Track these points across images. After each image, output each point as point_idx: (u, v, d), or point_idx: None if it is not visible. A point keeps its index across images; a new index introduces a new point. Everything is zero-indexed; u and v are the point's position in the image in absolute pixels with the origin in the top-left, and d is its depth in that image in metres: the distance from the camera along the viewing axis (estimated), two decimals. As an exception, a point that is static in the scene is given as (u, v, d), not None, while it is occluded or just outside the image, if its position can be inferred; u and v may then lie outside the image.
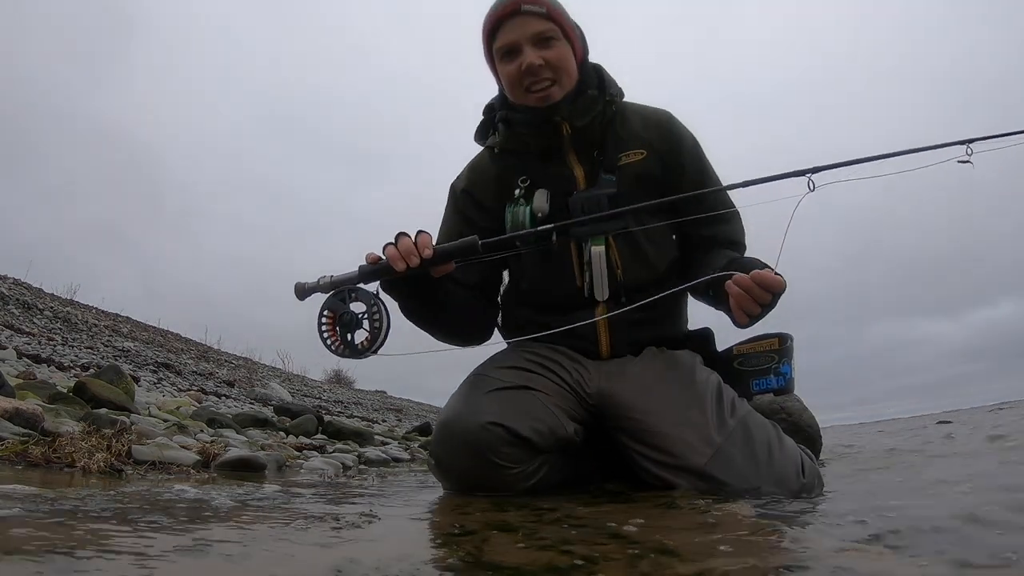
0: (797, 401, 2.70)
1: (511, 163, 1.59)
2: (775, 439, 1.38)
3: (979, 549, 0.75)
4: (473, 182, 1.66)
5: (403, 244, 1.36)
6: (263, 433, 3.17)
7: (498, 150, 1.61)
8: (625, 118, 1.59)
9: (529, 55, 1.47)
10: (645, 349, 1.56)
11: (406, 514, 1.12)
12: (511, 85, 1.52)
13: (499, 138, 1.60)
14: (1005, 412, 8.58)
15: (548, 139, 1.54)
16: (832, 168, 1.36)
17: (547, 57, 1.47)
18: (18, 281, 10.33)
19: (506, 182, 1.59)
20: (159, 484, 1.44)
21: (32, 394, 2.46)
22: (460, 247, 1.40)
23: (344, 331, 1.39)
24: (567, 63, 1.50)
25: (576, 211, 1.50)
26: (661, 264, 1.57)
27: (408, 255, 1.34)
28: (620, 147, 1.56)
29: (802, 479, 1.37)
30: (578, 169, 1.55)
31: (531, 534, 0.88)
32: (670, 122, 1.62)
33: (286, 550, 0.76)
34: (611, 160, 1.55)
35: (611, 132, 1.56)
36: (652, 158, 1.57)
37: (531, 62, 1.46)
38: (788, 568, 0.67)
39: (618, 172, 1.54)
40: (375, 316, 1.37)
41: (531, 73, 1.47)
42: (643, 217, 1.52)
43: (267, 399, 6.59)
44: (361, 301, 1.39)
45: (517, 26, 1.47)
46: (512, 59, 1.50)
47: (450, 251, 1.39)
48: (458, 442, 1.37)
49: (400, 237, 1.37)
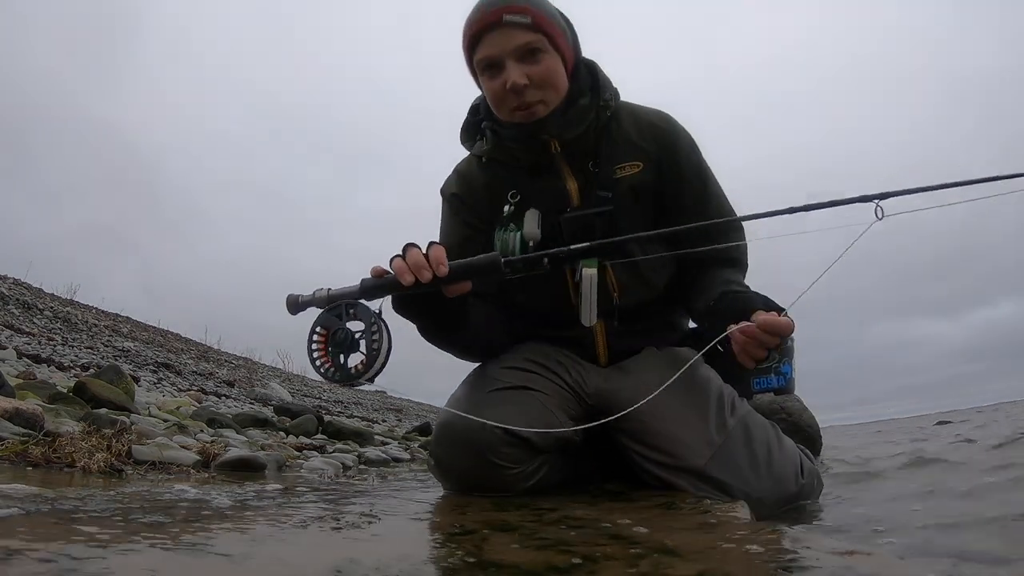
0: (797, 401, 2.71)
1: (500, 174, 1.52)
2: (775, 440, 1.38)
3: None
4: (463, 188, 1.58)
5: (412, 256, 1.22)
6: (263, 433, 3.17)
7: (486, 159, 1.54)
8: (620, 123, 1.50)
9: (512, 73, 1.35)
10: (644, 349, 1.55)
11: (406, 514, 1.12)
12: (494, 102, 1.42)
13: (487, 146, 1.51)
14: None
15: (537, 155, 1.47)
16: (903, 194, 1.18)
17: (532, 73, 1.36)
18: (18, 281, 10.33)
19: (496, 191, 1.52)
20: (159, 484, 1.44)
21: (32, 394, 2.46)
22: (480, 265, 1.25)
23: (337, 351, 1.22)
24: (554, 77, 1.39)
25: (568, 233, 1.42)
26: (660, 282, 1.54)
27: (418, 269, 1.21)
28: (616, 157, 1.47)
29: (801, 480, 1.37)
30: (571, 182, 1.47)
31: (531, 534, 0.88)
32: (668, 127, 1.52)
33: (286, 550, 0.76)
34: (606, 174, 1.47)
35: (606, 139, 1.48)
36: (649, 169, 1.49)
37: (515, 81, 1.35)
38: (788, 569, 0.67)
39: (614, 187, 1.46)
40: (374, 336, 1.20)
41: (515, 92, 1.36)
42: (640, 236, 1.45)
43: (267, 399, 6.58)
44: (360, 319, 1.23)
45: (499, 39, 1.35)
46: (494, 75, 1.38)
47: (468, 269, 1.24)
48: (457, 442, 1.37)
49: (408, 248, 1.24)
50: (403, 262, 1.22)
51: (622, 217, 1.44)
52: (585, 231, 1.41)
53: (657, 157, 1.49)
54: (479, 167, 1.56)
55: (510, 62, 1.36)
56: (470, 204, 1.57)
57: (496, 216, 1.51)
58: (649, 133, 1.50)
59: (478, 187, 1.56)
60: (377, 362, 1.19)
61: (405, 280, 1.20)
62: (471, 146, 1.58)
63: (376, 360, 1.19)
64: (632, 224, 1.43)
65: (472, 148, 1.58)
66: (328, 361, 1.22)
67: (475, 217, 1.56)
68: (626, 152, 1.48)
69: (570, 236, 1.42)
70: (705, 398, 1.39)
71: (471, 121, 1.57)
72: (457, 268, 1.23)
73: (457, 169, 1.62)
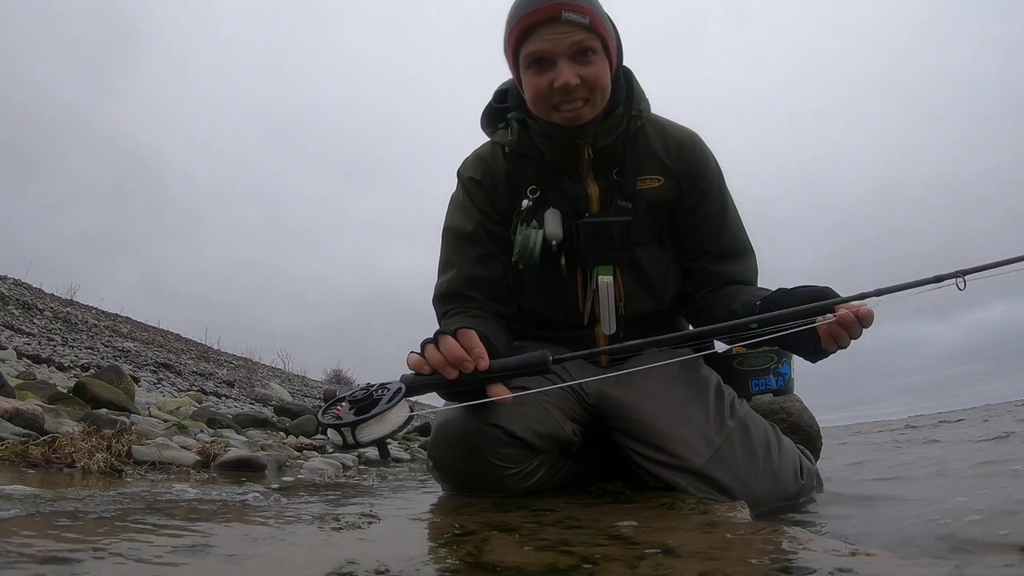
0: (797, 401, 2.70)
1: (522, 165, 1.49)
2: (774, 440, 1.38)
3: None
4: (483, 174, 1.54)
5: (449, 347, 1.14)
6: (263, 433, 3.17)
7: (509, 151, 1.50)
8: (648, 135, 1.48)
9: (565, 72, 1.30)
10: (646, 351, 1.55)
11: (406, 514, 1.12)
12: (536, 98, 1.37)
13: (512, 137, 1.48)
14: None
15: (567, 156, 1.44)
16: (983, 270, 1.20)
17: (584, 75, 1.31)
18: (18, 281, 10.33)
19: (515, 184, 1.50)
20: (159, 484, 1.44)
21: (32, 394, 2.46)
22: (527, 363, 1.18)
23: (351, 407, 1.12)
24: (603, 80, 1.34)
25: (586, 237, 1.42)
26: (667, 296, 1.54)
27: (459, 362, 1.14)
28: (639, 169, 1.46)
29: (800, 480, 1.37)
30: (593, 187, 1.46)
31: (531, 534, 0.88)
32: (694, 147, 1.50)
33: (286, 550, 0.76)
34: (629, 184, 1.45)
35: (632, 149, 1.46)
36: (669, 185, 1.48)
37: (566, 81, 1.29)
38: (787, 569, 0.67)
39: (634, 197, 1.45)
40: (393, 400, 1.11)
41: (564, 92, 1.31)
42: (652, 248, 1.48)
43: (267, 399, 6.58)
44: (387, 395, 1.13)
45: (555, 35, 1.29)
46: (543, 71, 1.33)
47: (512, 368, 1.18)
48: (455, 443, 1.37)
49: (442, 337, 1.16)
50: (441, 355, 1.15)
51: (638, 229, 1.44)
52: (602, 238, 1.42)
53: (679, 176, 1.48)
54: (503, 156, 1.53)
55: (563, 60, 1.31)
56: (487, 191, 1.53)
57: (511, 208, 1.50)
58: (675, 151, 1.49)
59: (499, 176, 1.52)
60: (391, 430, 1.11)
61: (449, 375, 1.15)
62: (491, 133, 1.54)
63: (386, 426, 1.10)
64: (647, 235, 1.45)
65: (493, 135, 1.54)
66: (339, 414, 1.12)
67: (489, 205, 1.53)
68: (650, 165, 1.47)
69: (587, 241, 1.42)
70: (705, 399, 1.39)
71: (495, 108, 1.54)
72: (501, 367, 1.17)
73: (479, 153, 1.58)
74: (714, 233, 1.52)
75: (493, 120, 1.54)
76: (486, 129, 1.55)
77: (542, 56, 1.32)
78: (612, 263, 1.44)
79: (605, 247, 1.44)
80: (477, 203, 1.53)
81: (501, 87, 1.54)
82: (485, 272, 1.51)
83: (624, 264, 1.46)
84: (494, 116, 1.54)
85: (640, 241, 1.46)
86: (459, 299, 1.51)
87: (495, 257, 1.52)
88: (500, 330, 1.47)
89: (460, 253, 1.54)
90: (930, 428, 6.48)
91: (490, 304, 1.51)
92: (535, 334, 1.58)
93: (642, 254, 1.46)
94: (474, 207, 1.53)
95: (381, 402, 1.10)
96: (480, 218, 1.52)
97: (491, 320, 1.46)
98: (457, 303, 1.52)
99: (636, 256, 1.45)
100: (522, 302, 1.57)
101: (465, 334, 1.17)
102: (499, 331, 1.45)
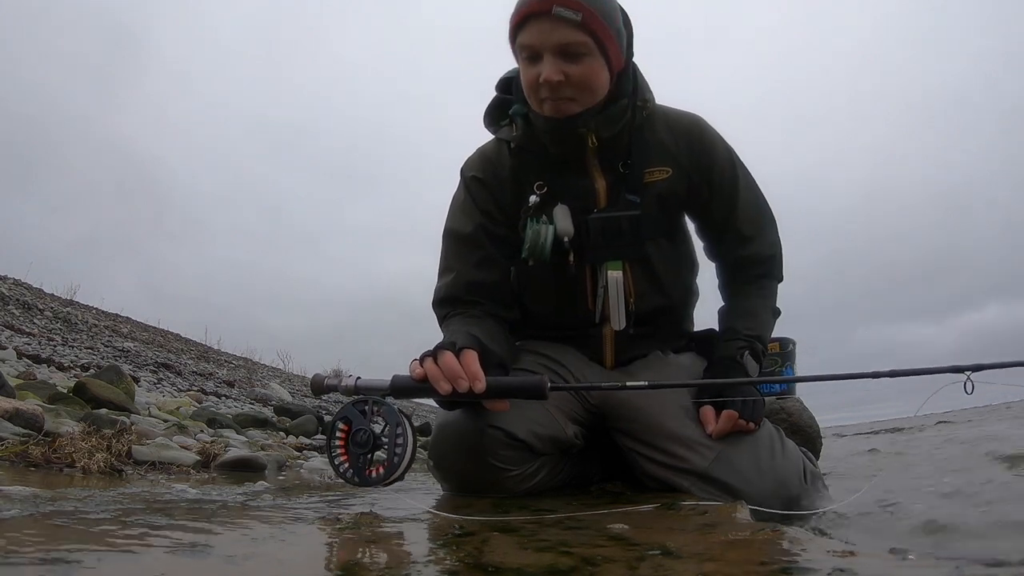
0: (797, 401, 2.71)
1: (528, 161, 1.46)
2: (777, 442, 1.37)
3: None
4: (487, 172, 1.51)
5: (447, 363, 1.16)
6: (263, 433, 3.17)
7: (514, 146, 1.47)
8: (654, 126, 1.45)
9: (548, 69, 1.28)
10: (651, 353, 1.54)
11: (406, 514, 1.12)
12: (527, 89, 1.36)
13: (517, 133, 1.45)
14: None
15: (571, 148, 1.41)
16: (995, 368, 1.12)
17: (570, 73, 1.29)
18: (18, 281, 10.32)
19: (521, 180, 1.47)
20: (159, 484, 1.44)
21: (32, 394, 2.46)
22: (522, 387, 1.18)
23: (357, 451, 1.14)
24: (593, 81, 1.32)
25: (595, 233, 1.41)
26: (675, 292, 1.53)
27: (455, 378, 1.14)
28: (646, 160, 1.44)
29: (803, 483, 1.37)
30: (600, 181, 1.43)
31: (531, 535, 0.88)
32: (702, 136, 1.48)
33: (286, 551, 0.76)
34: (636, 176, 1.43)
35: (638, 140, 1.44)
36: (678, 176, 1.45)
37: (548, 77, 1.28)
38: (787, 570, 0.67)
39: (642, 191, 1.43)
40: (398, 441, 1.13)
41: (549, 88, 1.30)
42: (661, 243, 1.47)
43: (267, 399, 6.59)
44: (383, 418, 1.15)
45: (542, 30, 1.28)
46: (532, 64, 1.32)
47: (507, 390, 1.19)
48: (456, 443, 1.36)
49: (441, 352, 1.17)
50: (438, 369, 1.16)
51: (647, 224, 1.43)
52: (612, 233, 1.41)
53: (688, 166, 1.47)
54: (508, 153, 1.50)
55: (548, 56, 1.29)
56: (491, 190, 1.50)
57: (517, 206, 1.47)
58: (684, 140, 1.47)
59: (504, 174, 1.49)
60: (399, 470, 1.13)
61: (442, 389, 1.15)
62: (495, 130, 1.52)
63: (397, 468, 1.12)
64: (656, 230, 1.45)
65: (497, 132, 1.52)
66: (347, 460, 1.15)
67: (492, 204, 1.50)
68: (657, 156, 1.45)
69: (597, 237, 1.41)
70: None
71: (498, 102, 1.52)
72: (496, 387, 1.16)
73: (483, 151, 1.55)
74: (728, 221, 1.52)
75: (496, 117, 1.52)
76: (490, 127, 1.53)
77: (531, 49, 1.31)
78: (621, 258, 1.43)
79: (614, 243, 1.42)
80: (479, 203, 1.51)
81: (507, 75, 1.52)
82: (485, 276, 1.48)
83: (633, 260, 1.44)
84: (497, 113, 1.52)
85: (649, 236, 1.44)
86: (458, 304, 1.49)
87: (495, 260, 1.49)
88: (500, 332, 1.46)
89: (460, 256, 1.51)
90: (930, 428, 6.50)
91: (490, 308, 1.49)
92: (540, 334, 1.57)
93: (651, 249, 1.45)
94: (475, 208, 1.51)
95: (389, 446, 1.13)
96: (481, 220, 1.50)
97: (490, 321, 1.45)
98: (456, 308, 1.50)
99: (645, 252, 1.44)
100: (528, 302, 1.54)
101: (467, 355, 1.17)
102: (499, 333, 1.44)
